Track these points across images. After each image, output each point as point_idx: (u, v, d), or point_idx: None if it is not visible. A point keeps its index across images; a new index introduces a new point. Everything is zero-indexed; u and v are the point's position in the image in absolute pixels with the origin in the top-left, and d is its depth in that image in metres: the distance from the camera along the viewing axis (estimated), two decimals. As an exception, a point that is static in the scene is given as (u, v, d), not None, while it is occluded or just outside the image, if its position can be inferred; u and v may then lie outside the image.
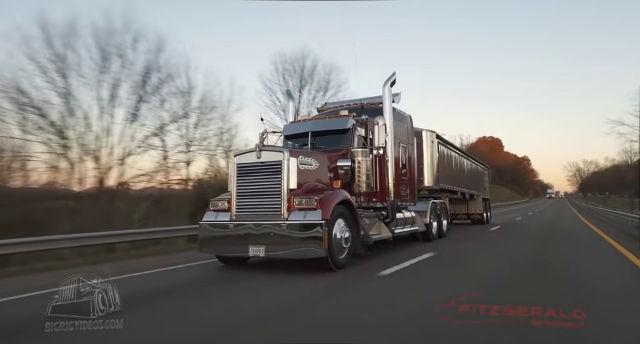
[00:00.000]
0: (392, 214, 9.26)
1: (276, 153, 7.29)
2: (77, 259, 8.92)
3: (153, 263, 8.47)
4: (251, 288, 6.06)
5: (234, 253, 7.41)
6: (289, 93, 11.05)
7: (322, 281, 6.35)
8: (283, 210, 6.96)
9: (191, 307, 4.93)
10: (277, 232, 6.84)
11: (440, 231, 12.72)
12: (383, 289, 6.02)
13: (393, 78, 9.57)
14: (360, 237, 7.79)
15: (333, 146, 8.68)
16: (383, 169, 9.17)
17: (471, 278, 6.76)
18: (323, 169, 8.01)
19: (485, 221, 20.47)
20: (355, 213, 7.65)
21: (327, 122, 9.29)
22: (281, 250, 6.85)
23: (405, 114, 10.84)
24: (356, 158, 8.38)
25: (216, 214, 7.58)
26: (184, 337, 3.89)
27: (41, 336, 3.66)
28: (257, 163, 7.30)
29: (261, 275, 7.00)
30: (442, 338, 3.75)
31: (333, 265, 6.88)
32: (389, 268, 7.21)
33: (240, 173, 7.41)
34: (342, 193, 7.48)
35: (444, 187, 14.01)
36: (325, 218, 6.71)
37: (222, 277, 7.05)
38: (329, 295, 5.69)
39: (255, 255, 7.02)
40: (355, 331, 3.99)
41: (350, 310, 4.79)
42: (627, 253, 9.32)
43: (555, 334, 3.67)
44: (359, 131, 8.88)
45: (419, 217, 11.32)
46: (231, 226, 7.25)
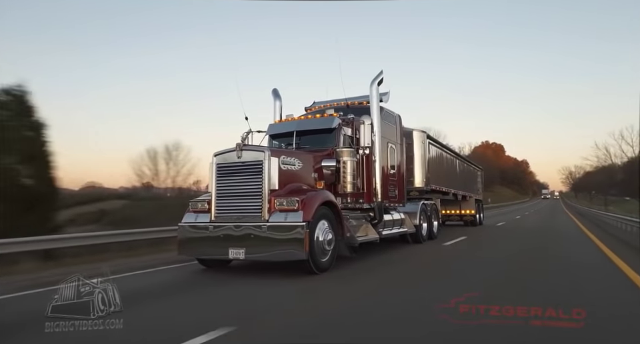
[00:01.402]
0: (379, 215, 9.07)
1: (257, 153, 7.08)
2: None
3: (123, 266, 7.79)
4: (223, 291, 5.85)
5: (213, 255, 7.19)
6: (275, 92, 10.82)
7: (302, 284, 6.17)
8: (264, 211, 6.76)
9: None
10: (258, 234, 6.63)
11: (430, 232, 12.54)
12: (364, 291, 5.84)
13: (380, 77, 9.38)
14: (345, 239, 7.61)
15: (319, 146, 8.49)
16: (370, 170, 8.96)
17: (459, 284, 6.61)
18: (307, 169, 7.81)
19: (478, 222, 20.32)
20: (339, 215, 7.45)
21: (312, 121, 9.10)
22: (262, 252, 6.65)
23: (393, 113, 10.65)
24: (341, 158, 8.19)
25: (196, 215, 7.36)
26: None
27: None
28: (237, 162, 7.10)
29: (240, 278, 6.79)
30: (442, 338, 3.74)
31: (314, 267, 6.69)
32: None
33: (220, 173, 7.20)
34: (325, 194, 7.29)
35: (435, 187, 13.81)
36: (306, 219, 6.52)
37: (188, 282, 6.81)
38: (308, 297, 5.51)
39: (235, 257, 6.81)
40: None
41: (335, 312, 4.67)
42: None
43: (555, 334, 3.65)
44: (345, 131, 8.69)
45: (408, 219, 11.15)
46: (210, 227, 7.03)
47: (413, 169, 12.43)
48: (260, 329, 4.12)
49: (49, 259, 8.40)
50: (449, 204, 18.27)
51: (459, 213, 19.67)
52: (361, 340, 3.79)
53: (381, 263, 8.31)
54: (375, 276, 7.13)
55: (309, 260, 6.54)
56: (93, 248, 9.30)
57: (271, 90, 10.93)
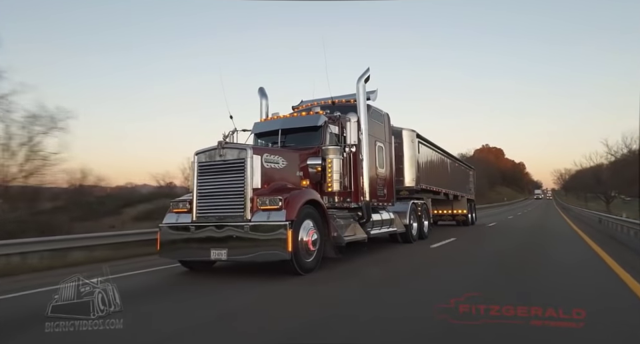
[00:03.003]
0: (367, 214, 8.90)
1: (239, 151, 6.90)
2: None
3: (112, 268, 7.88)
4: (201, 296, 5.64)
5: (195, 257, 6.97)
6: (261, 90, 10.64)
7: (285, 286, 5.99)
8: (246, 211, 6.57)
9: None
10: (240, 234, 6.44)
11: (421, 232, 12.41)
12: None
13: (367, 74, 9.24)
14: (331, 239, 7.43)
15: (304, 144, 8.32)
16: (357, 168, 8.79)
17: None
18: (292, 168, 7.64)
19: (470, 222, 20.24)
20: (324, 214, 7.28)
21: (298, 119, 8.93)
22: (244, 253, 6.46)
23: (381, 112, 10.50)
24: (327, 156, 8.02)
25: (177, 216, 7.16)
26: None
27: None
28: (219, 161, 6.91)
29: (221, 280, 6.59)
30: (442, 338, 3.68)
31: (298, 268, 6.50)
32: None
33: (201, 172, 7.00)
34: (309, 193, 7.12)
35: (425, 187, 13.68)
36: (289, 219, 6.34)
37: (166, 286, 6.60)
38: (288, 300, 5.32)
39: (217, 258, 6.61)
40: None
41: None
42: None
43: (555, 334, 3.61)
44: (332, 129, 8.53)
45: (398, 218, 11.00)
46: (192, 228, 6.83)
47: (402, 168, 12.28)
48: (232, 334, 3.92)
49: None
50: (441, 204, 18.16)
51: (451, 212, 19.59)
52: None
53: (366, 264, 8.12)
54: (361, 277, 6.94)
55: (292, 260, 6.35)
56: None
57: (257, 88, 10.76)
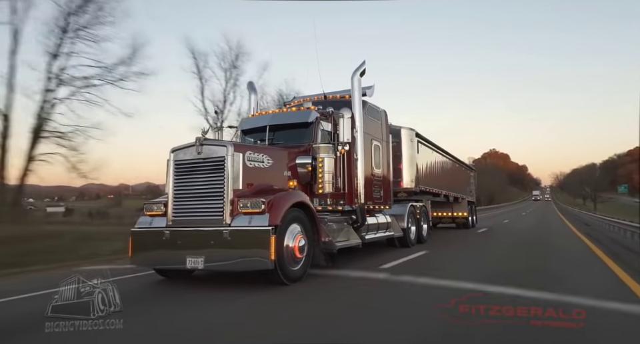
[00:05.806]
0: (361, 218, 8.27)
1: (218, 148, 6.26)
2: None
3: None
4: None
5: (169, 264, 6.30)
6: (251, 85, 10.05)
7: (266, 298, 5.41)
8: (226, 214, 5.95)
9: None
10: (218, 240, 5.81)
11: (419, 235, 11.78)
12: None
13: (363, 67, 8.60)
14: (322, 245, 6.81)
15: (294, 141, 7.71)
16: (351, 168, 8.17)
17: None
18: (279, 167, 7.01)
19: (471, 225, 19.63)
20: (314, 218, 6.66)
21: (287, 115, 8.33)
22: (223, 261, 5.83)
23: (378, 108, 9.87)
24: (319, 155, 7.39)
25: (151, 219, 6.52)
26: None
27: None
28: (197, 159, 6.28)
29: (197, 290, 5.97)
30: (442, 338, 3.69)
31: (283, 277, 5.87)
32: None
33: (178, 171, 6.38)
34: (297, 194, 6.50)
35: (425, 188, 13.05)
36: (273, 224, 5.72)
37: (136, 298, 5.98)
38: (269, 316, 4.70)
39: (193, 266, 5.96)
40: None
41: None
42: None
43: (555, 334, 3.62)
44: (324, 125, 7.90)
45: (395, 221, 10.38)
46: (166, 233, 6.19)
47: (400, 169, 11.67)
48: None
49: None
50: (441, 206, 17.54)
51: (451, 215, 18.96)
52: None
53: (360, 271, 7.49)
54: (353, 286, 6.32)
55: (276, 269, 5.72)
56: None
57: (247, 83, 10.17)
